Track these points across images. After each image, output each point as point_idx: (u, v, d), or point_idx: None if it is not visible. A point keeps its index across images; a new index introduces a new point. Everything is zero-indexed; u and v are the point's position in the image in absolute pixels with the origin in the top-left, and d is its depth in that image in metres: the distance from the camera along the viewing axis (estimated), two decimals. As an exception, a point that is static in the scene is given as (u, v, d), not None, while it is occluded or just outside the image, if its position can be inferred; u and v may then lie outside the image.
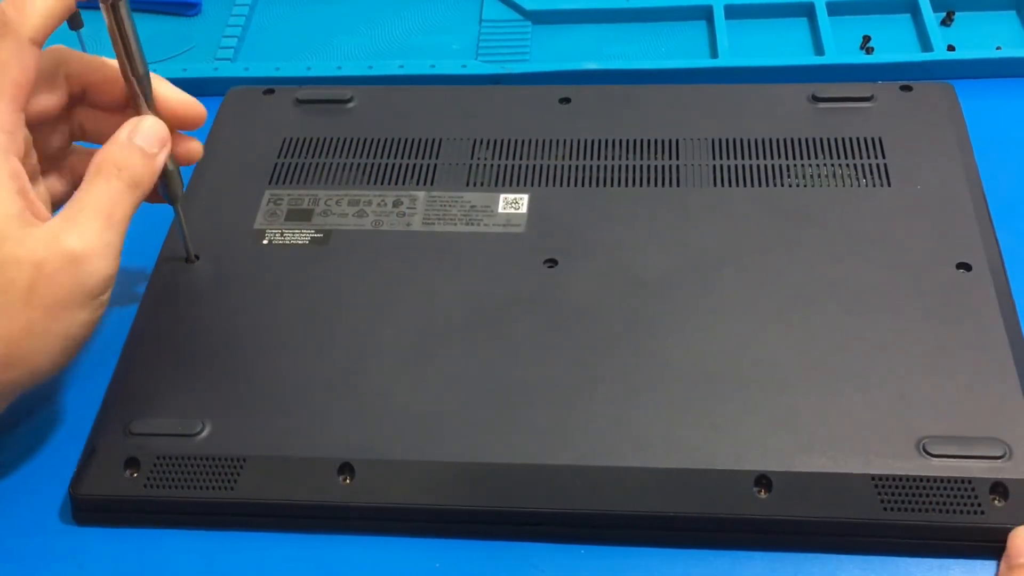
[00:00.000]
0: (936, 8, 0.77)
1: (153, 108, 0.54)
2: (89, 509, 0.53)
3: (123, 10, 0.51)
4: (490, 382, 0.54)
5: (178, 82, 0.75)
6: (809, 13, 0.79)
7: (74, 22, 0.72)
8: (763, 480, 0.49)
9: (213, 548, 0.52)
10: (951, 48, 0.74)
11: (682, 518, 0.50)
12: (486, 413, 0.53)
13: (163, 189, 0.56)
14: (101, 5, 0.51)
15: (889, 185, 0.61)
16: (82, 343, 0.49)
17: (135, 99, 0.53)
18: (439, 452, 0.51)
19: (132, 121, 0.52)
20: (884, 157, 0.63)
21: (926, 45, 0.75)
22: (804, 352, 0.54)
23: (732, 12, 0.79)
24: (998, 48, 0.74)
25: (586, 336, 0.55)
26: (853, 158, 0.63)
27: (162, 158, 0.52)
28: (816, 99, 0.67)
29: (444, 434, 0.52)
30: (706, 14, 0.79)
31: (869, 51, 0.75)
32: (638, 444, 0.51)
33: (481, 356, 0.55)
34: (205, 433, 0.52)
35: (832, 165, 0.63)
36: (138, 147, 0.51)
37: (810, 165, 0.63)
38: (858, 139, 0.64)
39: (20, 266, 0.46)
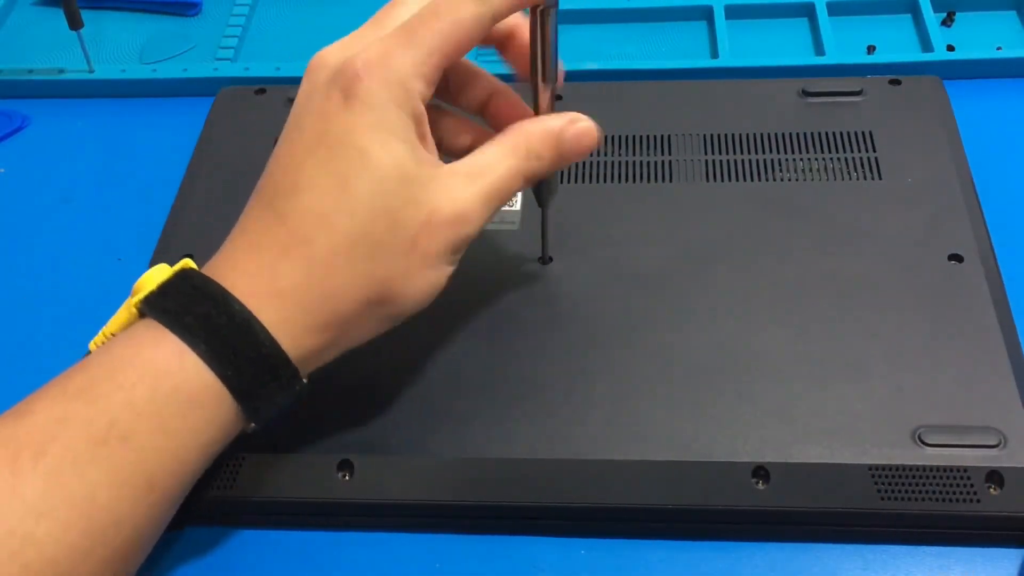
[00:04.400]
0: (936, 8, 0.77)
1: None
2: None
3: (552, 17, 0.51)
4: (487, 378, 0.54)
5: (178, 82, 0.77)
6: (809, 13, 0.79)
7: (74, 22, 0.73)
8: (761, 471, 0.49)
9: (213, 546, 0.52)
10: (951, 48, 0.74)
11: (680, 510, 0.50)
12: (484, 408, 0.53)
13: (537, 187, 0.55)
14: (531, 9, 0.50)
15: (880, 178, 0.61)
16: (433, 297, 0.49)
17: (538, 105, 0.52)
18: (438, 448, 0.51)
19: (571, 116, 0.51)
20: (875, 151, 0.63)
21: (926, 45, 0.75)
22: (799, 344, 0.54)
23: (732, 12, 0.79)
24: (998, 48, 0.74)
25: (582, 331, 0.55)
26: (844, 152, 0.63)
27: (566, 163, 0.52)
28: (806, 94, 0.67)
29: (442, 430, 0.52)
30: (706, 14, 0.79)
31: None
32: (635, 437, 0.51)
33: (478, 352, 0.55)
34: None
35: (823, 159, 0.63)
36: (560, 141, 0.50)
37: (801, 159, 0.63)
38: (848, 133, 0.64)
39: (418, 208, 0.47)
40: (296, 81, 0.74)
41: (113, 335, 0.50)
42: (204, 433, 0.46)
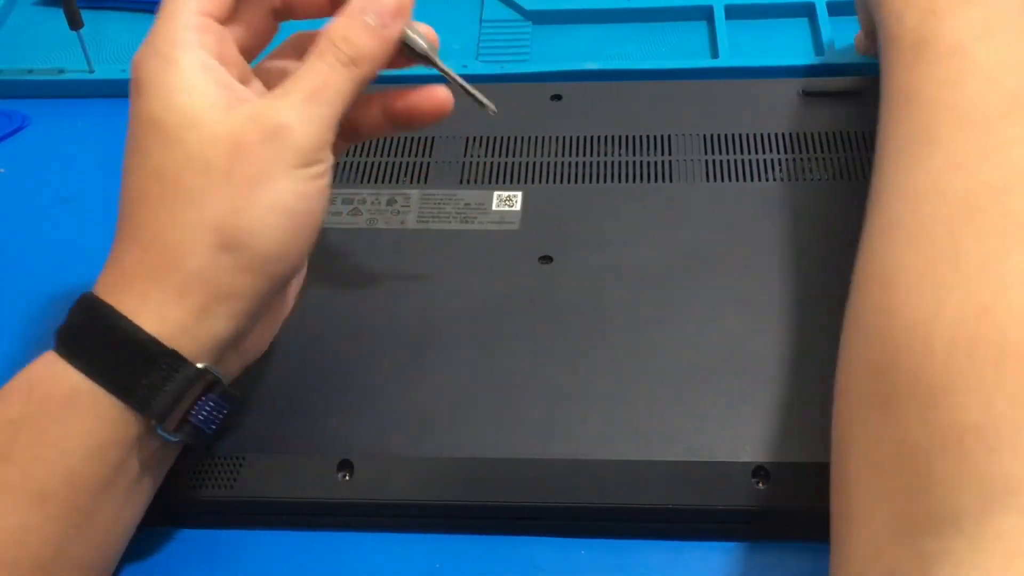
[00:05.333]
0: (936, 8, 0.77)
1: None
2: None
3: None
4: (487, 378, 0.54)
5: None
6: (809, 13, 0.79)
7: (74, 22, 0.73)
8: (761, 471, 0.49)
9: (212, 546, 0.52)
10: (951, 47, 0.74)
11: (680, 510, 0.50)
12: (483, 408, 0.53)
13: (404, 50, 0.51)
14: None
15: (880, 178, 0.61)
16: (303, 219, 0.47)
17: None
18: (437, 448, 0.51)
19: None
20: (874, 151, 0.63)
21: (926, 44, 0.75)
22: (799, 344, 0.54)
23: (732, 12, 0.79)
24: (998, 47, 0.74)
25: (582, 331, 0.55)
26: (844, 152, 0.63)
27: (393, 31, 0.49)
28: (806, 94, 0.67)
29: (442, 430, 0.52)
30: (706, 14, 0.79)
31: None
32: (635, 437, 0.51)
33: (477, 352, 0.55)
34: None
35: (823, 159, 0.63)
36: (361, 20, 0.48)
37: (801, 159, 0.63)
38: (848, 133, 0.64)
39: (216, 144, 0.45)
40: (296, 81, 0.75)
41: None
42: (89, 436, 0.45)
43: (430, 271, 0.59)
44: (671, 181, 0.63)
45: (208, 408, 0.47)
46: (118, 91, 0.77)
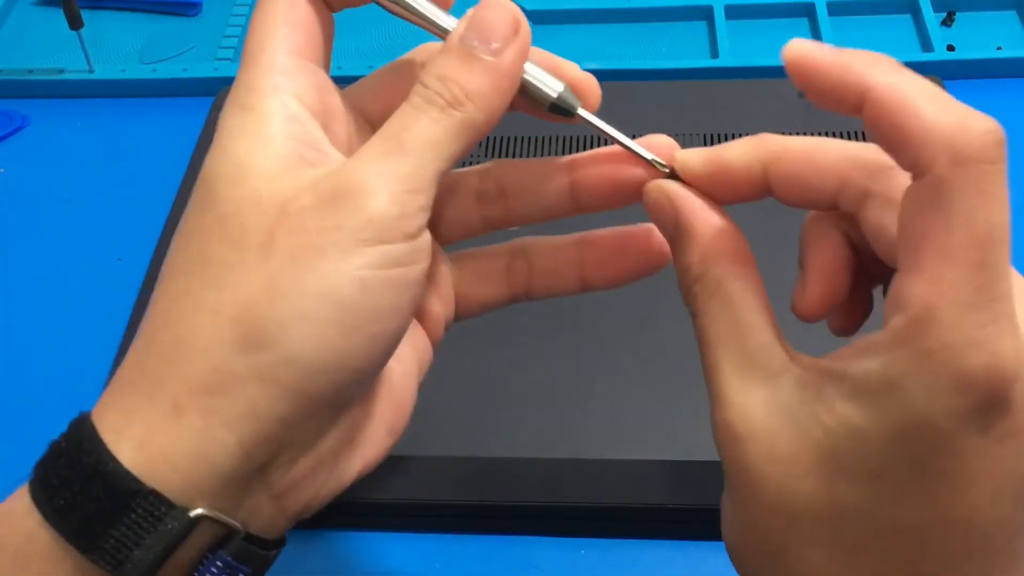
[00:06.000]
0: (936, 8, 0.77)
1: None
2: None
3: None
4: (487, 378, 0.54)
5: (178, 82, 0.77)
6: (809, 13, 0.79)
7: (74, 22, 0.73)
8: (760, 472, 0.49)
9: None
10: (951, 48, 0.74)
11: (680, 510, 0.50)
12: (483, 409, 0.53)
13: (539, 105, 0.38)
14: None
15: (881, 178, 0.61)
16: (363, 319, 0.33)
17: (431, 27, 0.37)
18: (437, 448, 0.51)
19: (470, 10, 0.36)
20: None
21: (926, 45, 0.75)
22: (800, 342, 0.53)
23: (732, 12, 0.79)
24: (998, 48, 0.74)
25: (582, 331, 0.55)
26: (846, 151, 0.63)
27: (507, 62, 0.36)
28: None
29: (442, 430, 0.52)
30: (706, 14, 0.80)
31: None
32: (635, 437, 0.51)
33: (477, 352, 0.55)
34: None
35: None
36: (461, 50, 0.35)
37: (804, 158, 0.63)
38: (848, 133, 0.64)
39: (259, 207, 0.33)
40: (296, 81, 0.75)
41: None
42: None
43: (430, 271, 0.59)
44: (671, 181, 0.63)
45: (216, 571, 0.34)
46: (118, 91, 0.77)
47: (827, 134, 0.63)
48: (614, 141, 0.39)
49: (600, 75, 0.75)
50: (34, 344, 0.62)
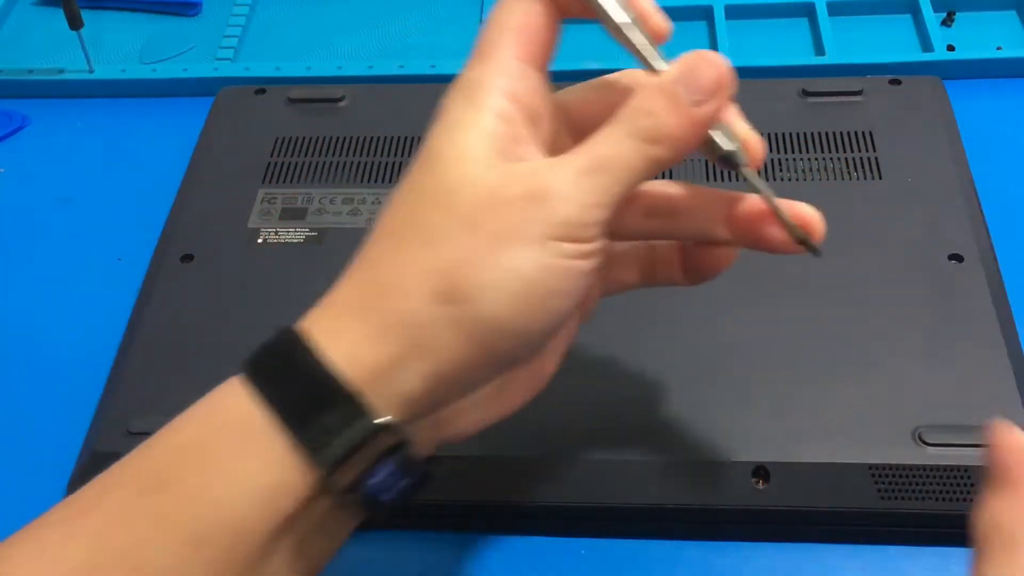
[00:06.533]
0: (936, 8, 0.77)
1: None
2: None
3: None
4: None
5: (178, 82, 0.77)
6: (809, 13, 0.79)
7: (74, 22, 0.73)
8: (761, 471, 0.49)
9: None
10: (951, 48, 0.74)
11: (680, 510, 0.50)
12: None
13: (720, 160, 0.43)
14: None
15: (880, 178, 0.61)
16: (541, 296, 0.39)
17: (641, 56, 0.43)
18: (438, 448, 0.51)
19: (686, 57, 0.41)
20: (875, 150, 0.63)
21: (926, 45, 0.75)
22: (800, 343, 0.54)
23: (732, 12, 0.79)
24: (998, 48, 0.74)
25: (582, 331, 0.55)
26: (844, 152, 0.63)
27: (704, 113, 0.41)
28: (806, 93, 0.67)
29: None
30: (706, 14, 0.79)
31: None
32: (635, 437, 0.51)
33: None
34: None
35: (823, 159, 0.63)
36: (671, 92, 0.40)
37: (801, 159, 0.63)
38: (848, 133, 0.64)
39: (473, 188, 0.39)
40: (296, 81, 0.75)
41: None
42: (258, 476, 0.38)
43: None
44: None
45: (386, 473, 0.39)
46: (118, 91, 0.77)
47: (825, 133, 0.64)
48: (766, 200, 0.44)
49: (600, 75, 0.75)
50: (34, 344, 0.62)
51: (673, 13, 0.79)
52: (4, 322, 0.63)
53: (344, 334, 0.39)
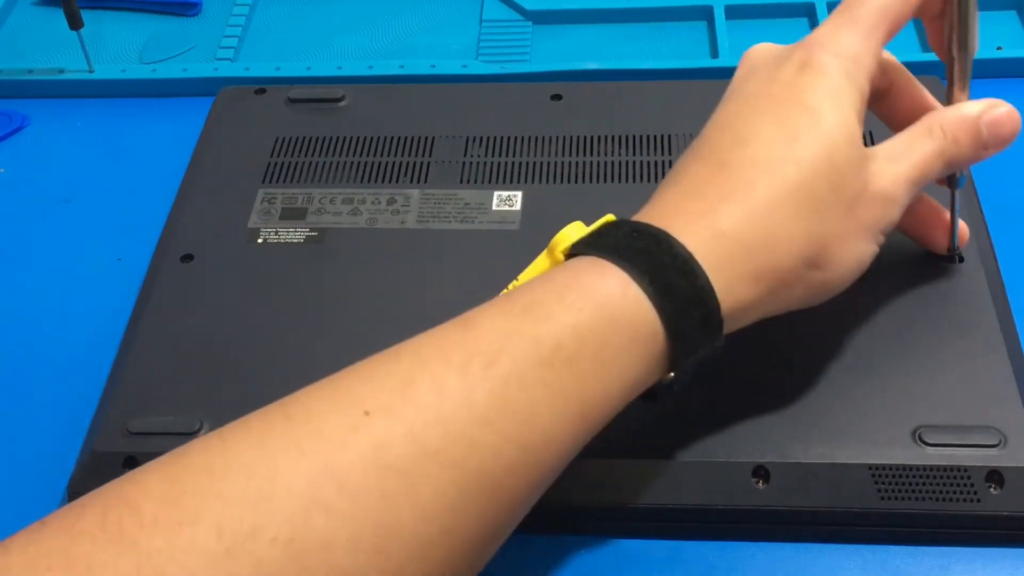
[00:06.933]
0: (936, 8, 0.77)
1: (966, 95, 0.52)
2: (87, 505, 0.53)
3: None
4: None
5: (178, 82, 0.77)
6: (809, 13, 0.79)
7: (74, 22, 0.73)
8: (761, 471, 0.49)
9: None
10: (951, 47, 0.74)
11: (680, 510, 0.50)
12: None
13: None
14: None
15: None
16: (851, 279, 0.48)
17: (953, 78, 0.51)
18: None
19: (991, 101, 0.50)
20: None
21: (926, 45, 0.74)
22: (799, 343, 0.53)
23: (732, 12, 0.79)
24: (998, 48, 0.74)
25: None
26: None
27: (988, 154, 0.50)
28: None
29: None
30: (706, 14, 0.80)
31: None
32: (635, 437, 0.51)
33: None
34: (203, 431, 0.52)
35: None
36: (977, 127, 0.49)
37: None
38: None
39: (857, 176, 0.47)
40: (296, 81, 0.75)
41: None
42: (634, 369, 0.44)
43: (430, 271, 0.59)
44: (671, 181, 0.63)
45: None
46: (118, 91, 0.77)
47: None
48: (951, 215, 0.55)
49: (600, 75, 0.75)
50: (34, 344, 0.62)
51: (673, 13, 0.80)
52: (4, 322, 0.63)
53: (730, 267, 0.45)
